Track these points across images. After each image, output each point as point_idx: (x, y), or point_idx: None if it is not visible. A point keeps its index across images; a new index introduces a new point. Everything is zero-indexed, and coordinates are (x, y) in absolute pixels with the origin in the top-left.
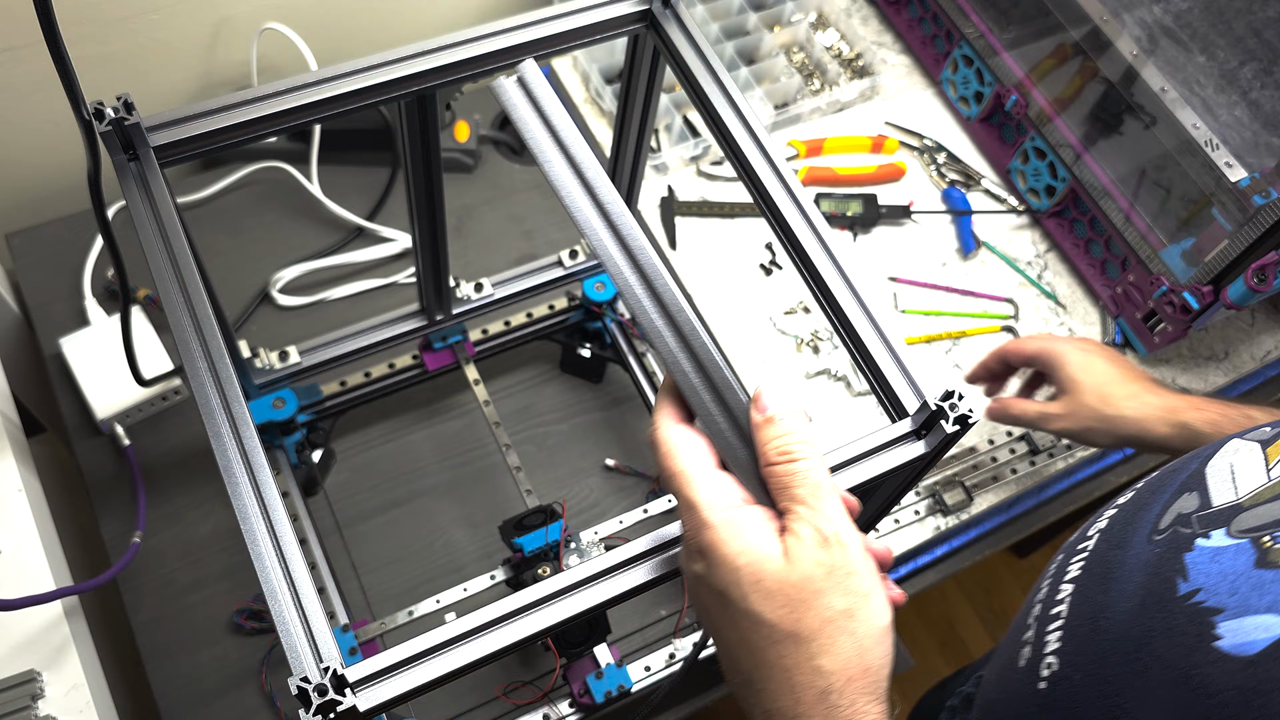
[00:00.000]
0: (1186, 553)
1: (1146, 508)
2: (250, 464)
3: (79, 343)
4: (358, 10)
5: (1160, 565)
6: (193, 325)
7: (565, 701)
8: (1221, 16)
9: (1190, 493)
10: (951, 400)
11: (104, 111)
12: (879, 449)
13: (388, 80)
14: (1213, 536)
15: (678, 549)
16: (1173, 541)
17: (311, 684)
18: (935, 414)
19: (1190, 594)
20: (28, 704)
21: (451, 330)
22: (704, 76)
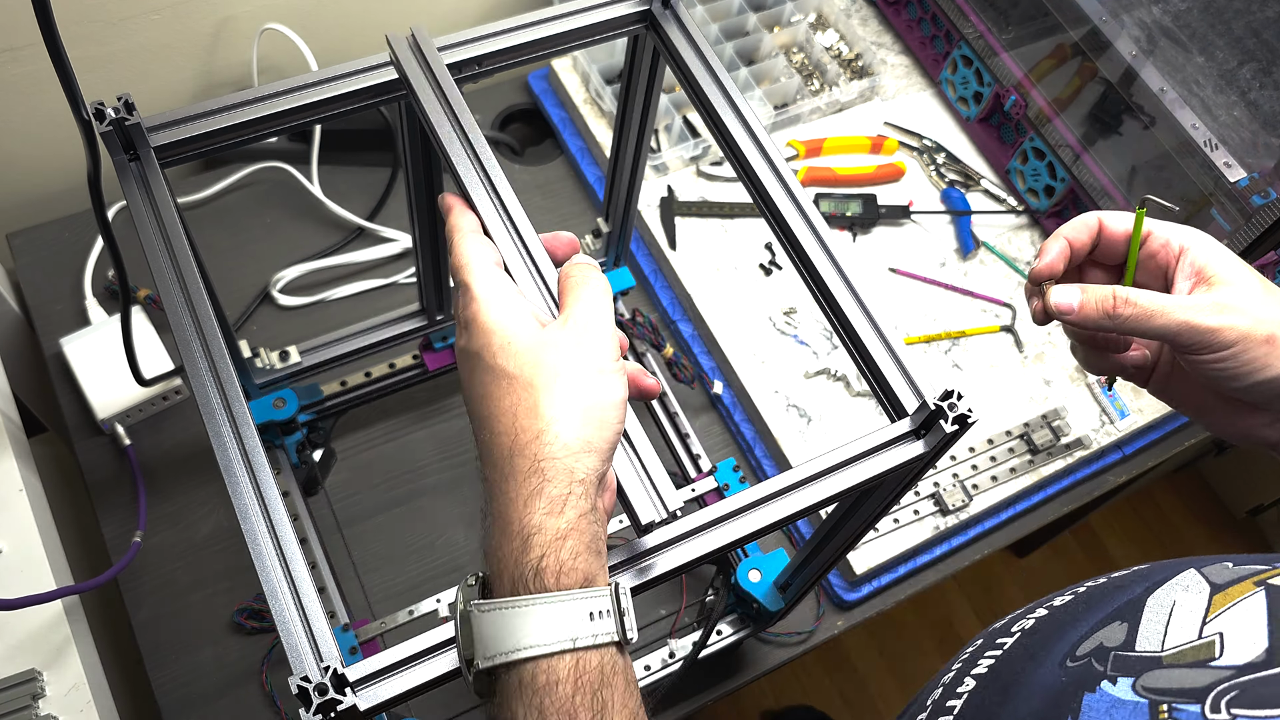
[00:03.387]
0: (1088, 693)
1: (1075, 624)
2: (251, 464)
3: (80, 343)
4: (358, 11)
5: (1060, 698)
6: (193, 325)
7: None
8: (1220, 17)
9: (1121, 623)
10: (950, 400)
11: (104, 112)
12: (878, 449)
13: (388, 80)
14: (1119, 685)
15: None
16: (1080, 675)
17: (312, 683)
18: (934, 414)
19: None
20: (28, 703)
21: (452, 330)
22: (704, 77)
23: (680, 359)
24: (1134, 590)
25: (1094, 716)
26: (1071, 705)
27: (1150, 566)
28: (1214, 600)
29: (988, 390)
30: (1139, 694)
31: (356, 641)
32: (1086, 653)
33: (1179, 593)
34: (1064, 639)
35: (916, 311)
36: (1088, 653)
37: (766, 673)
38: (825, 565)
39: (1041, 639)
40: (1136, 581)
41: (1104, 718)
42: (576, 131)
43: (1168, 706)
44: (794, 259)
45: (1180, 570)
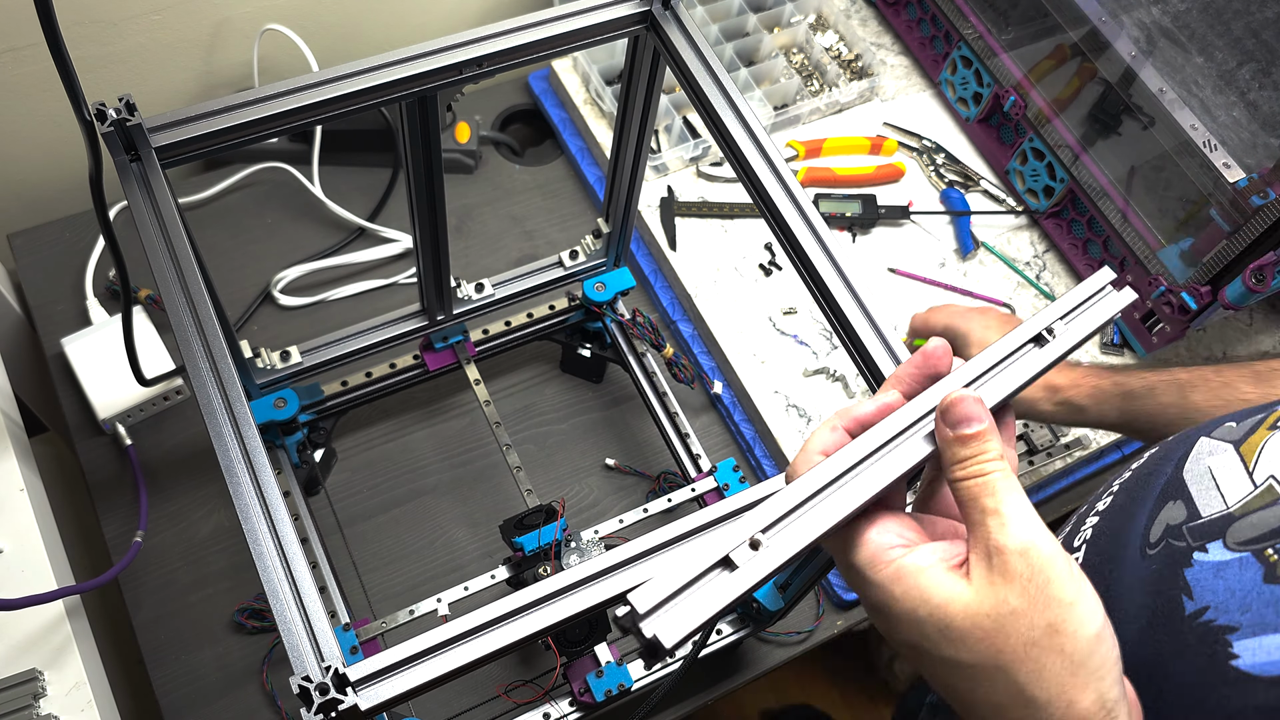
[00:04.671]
0: (1186, 568)
1: (1131, 517)
2: (252, 463)
3: (81, 343)
4: (359, 11)
5: (1160, 583)
6: (194, 325)
7: (565, 700)
8: (1220, 17)
9: (1174, 501)
10: None
11: (106, 112)
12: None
13: (389, 81)
14: (1210, 550)
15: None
16: (1168, 556)
17: (313, 683)
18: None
19: (1198, 612)
20: (29, 703)
21: (452, 330)
22: (704, 77)
23: (680, 359)
24: (1165, 471)
25: (1206, 584)
26: (1178, 584)
27: (1161, 448)
28: (1243, 453)
29: None
30: (1235, 550)
31: (357, 641)
32: (1160, 537)
33: (1207, 458)
34: (1131, 534)
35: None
36: (1161, 536)
37: (766, 672)
38: (825, 565)
39: (1109, 543)
40: (1161, 462)
41: (1216, 581)
42: (577, 132)
43: (1272, 548)
44: (794, 259)
45: (1193, 442)
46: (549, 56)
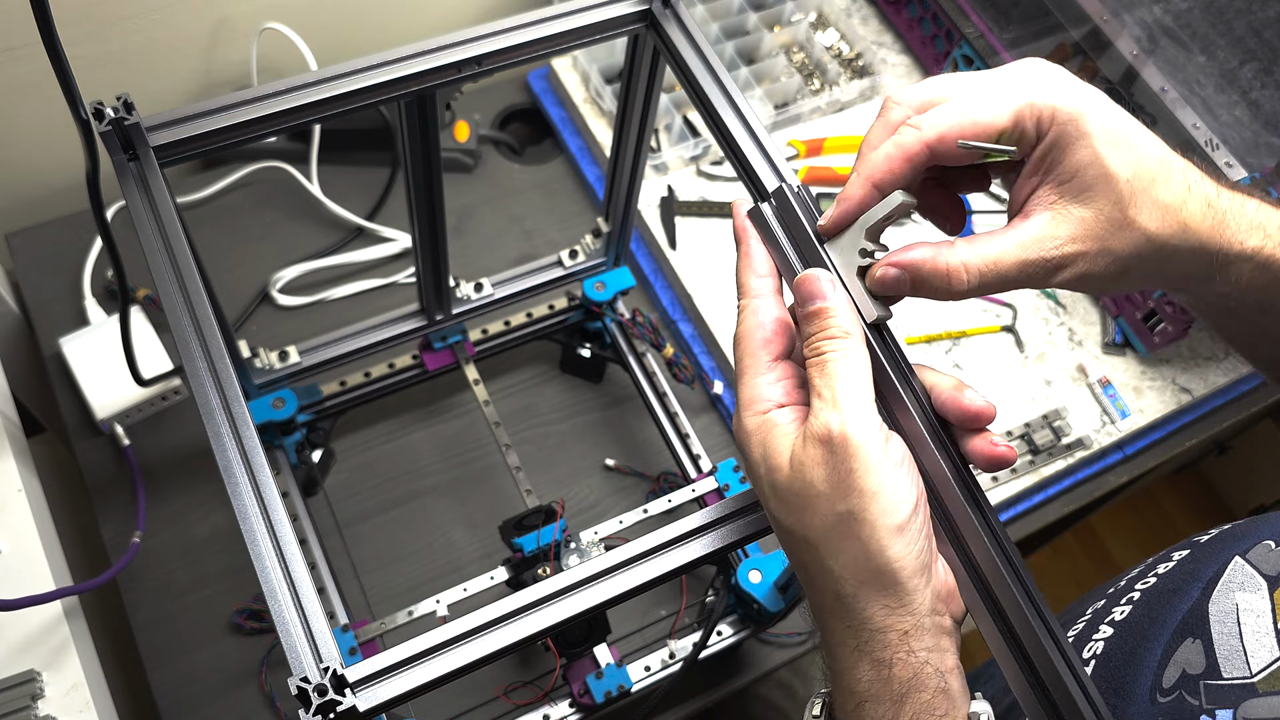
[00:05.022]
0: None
1: (1147, 646)
2: (250, 464)
3: (79, 343)
4: (358, 10)
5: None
6: (192, 325)
7: (565, 701)
8: (1221, 16)
9: (1194, 640)
10: None
11: (103, 111)
12: None
13: (387, 80)
14: (1218, 717)
15: (676, 549)
16: (1176, 712)
17: (311, 684)
18: None
19: None
20: (27, 704)
21: (451, 330)
22: (704, 76)
23: (680, 359)
24: (1191, 594)
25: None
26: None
27: (1192, 553)
28: (1276, 600)
29: (988, 390)
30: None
31: (356, 642)
32: (1173, 684)
33: (1238, 594)
34: (1144, 666)
35: (917, 311)
36: (1174, 684)
37: (767, 673)
38: None
39: (1120, 668)
40: (1188, 580)
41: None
42: (576, 131)
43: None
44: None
45: (1227, 560)
46: (548, 55)
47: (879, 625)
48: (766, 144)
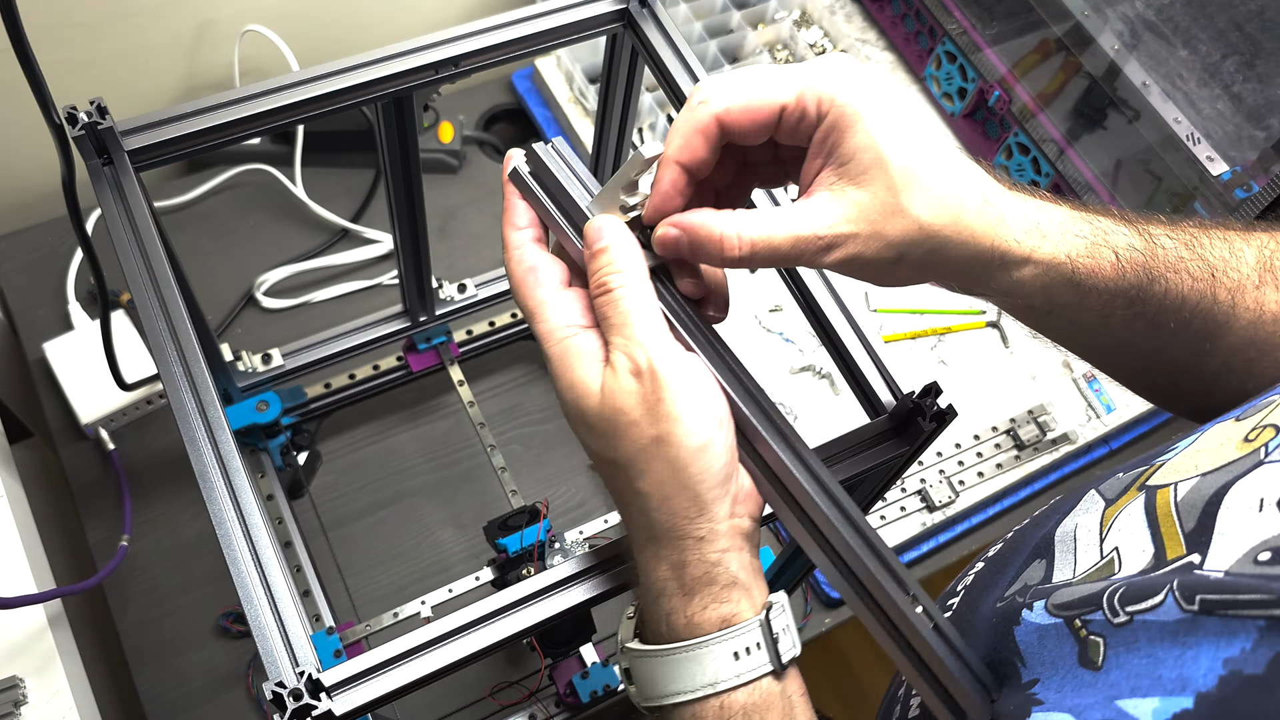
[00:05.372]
0: (1015, 626)
1: (1004, 569)
2: (226, 468)
3: (62, 347)
4: (340, 13)
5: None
6: (167, 330)
7: (551, 701)
8: (1203, 10)
9: (1040, 560)
10: (929, 397)
11: (77, 116)
12: (857, 446)
13: (364, 81)
14: (1035, 609)
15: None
16: (1006, 612)
17: (286, 688)
18: (912, 411)
19: (1031, 683)
20: (10, 710)
21: (436, 331)
22: (681, 76)
23: None
24: (1047, 525)
25: (1030, 647)
26: (1009, 644)
27: (1064, 495)
28: (1105, 515)
29: (973, 386)
30: (1053, 614)
31: (341, 644)
32: (1012, 593)
33: (1080, 516)
34: (996, 586)
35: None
36: (1013, 593)
37: None
38: (811, 562)
39: (979, 589)
40: (1050, 514)
41: (1038, 646)
42: (561, 131)
43: (1080, 620)
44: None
45: (1084, 493)
46: (525, 56)
47: (679, 534)
48: None
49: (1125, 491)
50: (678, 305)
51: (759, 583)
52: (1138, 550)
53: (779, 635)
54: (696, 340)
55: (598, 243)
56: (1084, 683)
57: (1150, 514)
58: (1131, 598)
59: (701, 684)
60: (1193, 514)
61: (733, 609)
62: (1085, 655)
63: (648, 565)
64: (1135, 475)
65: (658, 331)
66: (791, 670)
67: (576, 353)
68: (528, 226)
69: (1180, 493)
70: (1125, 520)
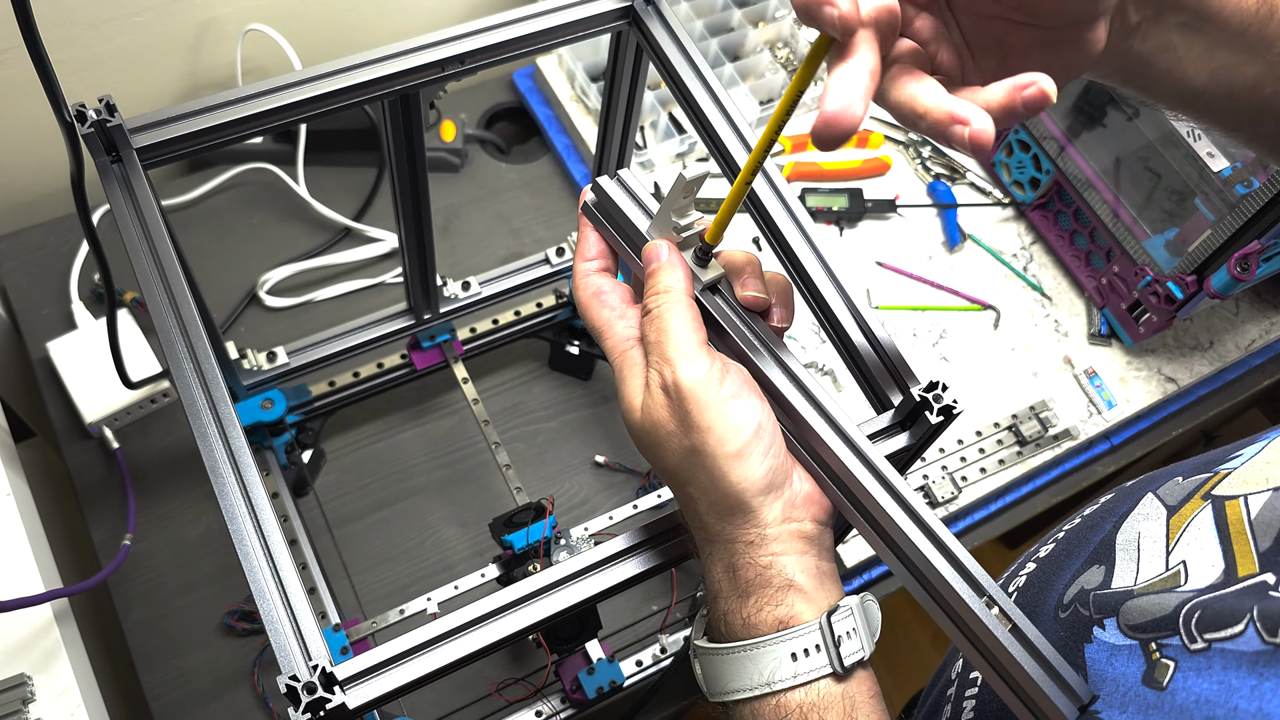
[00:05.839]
0: (1086, 644)
1: (1059, 572)
2: (237, 464)
3: (66, 346)
4: (343, 11)
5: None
6: (178, 327)
7: (557, 697)
8: None
9: (1098, 566)
10: (935, 391)
11: (86, 114)
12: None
13: (371, 79)
14: (1107, 628)
15: (666, 543)
16: (1074, 624)
17: (300, 682)
18: (919, 405)
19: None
20: (18, 708)
21: (439, 329)
22: (687, 73)
23: None
24: (1104, 527)
25: (1100, 668)
26: (1077, 660)
27: (1115, 495)
28: (1171, 525)
29: (975, 382)
30: (1128, 635)
31: (347, 641)
32: (1072, 599)
33: (1141, 523)
34: (1053, 588)
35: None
36: (1072, 599)
37: None
38: None
39: (1035, 591)
40: (1105, 517)
41: (1107, 668)
42: (562, 129)
43: (1156, 645)
44: (778, 253)
45: (1140, 496)
46: (531, 53)
47: (728, 538)
48: (751, 140)
49: (1188, 499)
50: (735, 316)
51: (827, 585)
52: (1207, 565)
53: (842, 638)
54: (751, 349)
55: (649, 266)
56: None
57: (1221, 528)
58: (1210, 624)
59: (758, 683)
60: (1269, 533)
61: (789, 611)
62: (1151, 675)
63: (706, 566)
64: (1198, 483)
65: (687, 348)
66: (859, 672)
67: (630, 366)
68: (595, 258)
69: (1254, 508)
70: (1194, 533)
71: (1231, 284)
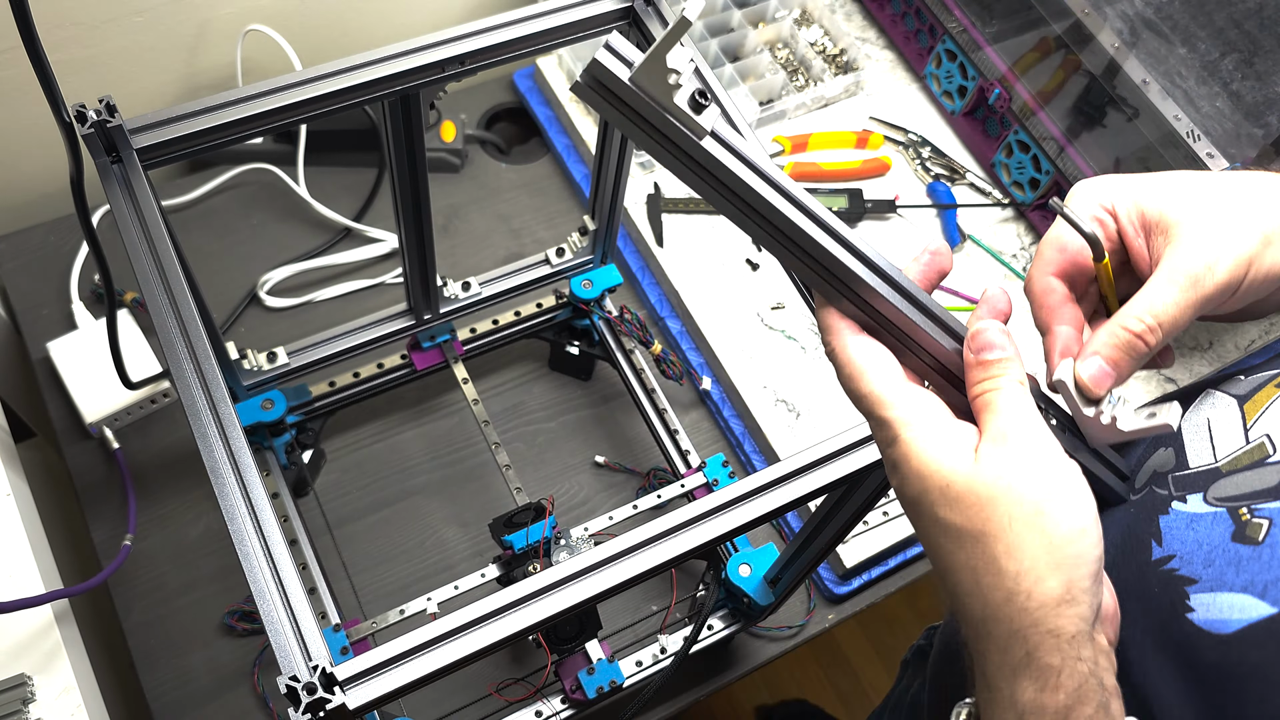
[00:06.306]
0: (1162, 515)
1: (1123, 458)
2: (237, 465)
3: (67, 346)
4: (342, 11)
5: (1135, 524)
6: (178, 327)
7: (557, 698)
8: (1202, 8)
9: (1165, 449)
10: None
11: (86, 114)
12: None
13: (371, 80)
14: (1189, 501)
15: (664, 543)
16: (1148, 502)
17: (300, 682)
18: None
19: (1164, 559)
20: (19, 708)
21: (440, 329)
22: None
23: (668, 355)
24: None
25: (1177, 533)
26: (1150, 529)
27: (1168, 396)
28: (1245, 409)
29: None
30: (1213, 505)
31: (348, 642)
32: (1144, 483)
33: (1209, 410)
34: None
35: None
36: (1145, 482)
37: (758, 667)
38: (815, 559)
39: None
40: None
41: (1187, 532)
42: (562, 129)
43: (1247, 508)
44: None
45: (1200, 393)
46: (532, 54)
47: (1051, 626)
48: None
49: (1260, 388)
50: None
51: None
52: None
53: None
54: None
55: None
56: (1240, 558)
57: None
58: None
59: None
60: None
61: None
62: (1242, 533)
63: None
64: (1268, 377)
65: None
66: None
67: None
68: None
69: None
70: (1275, 413)
71: None
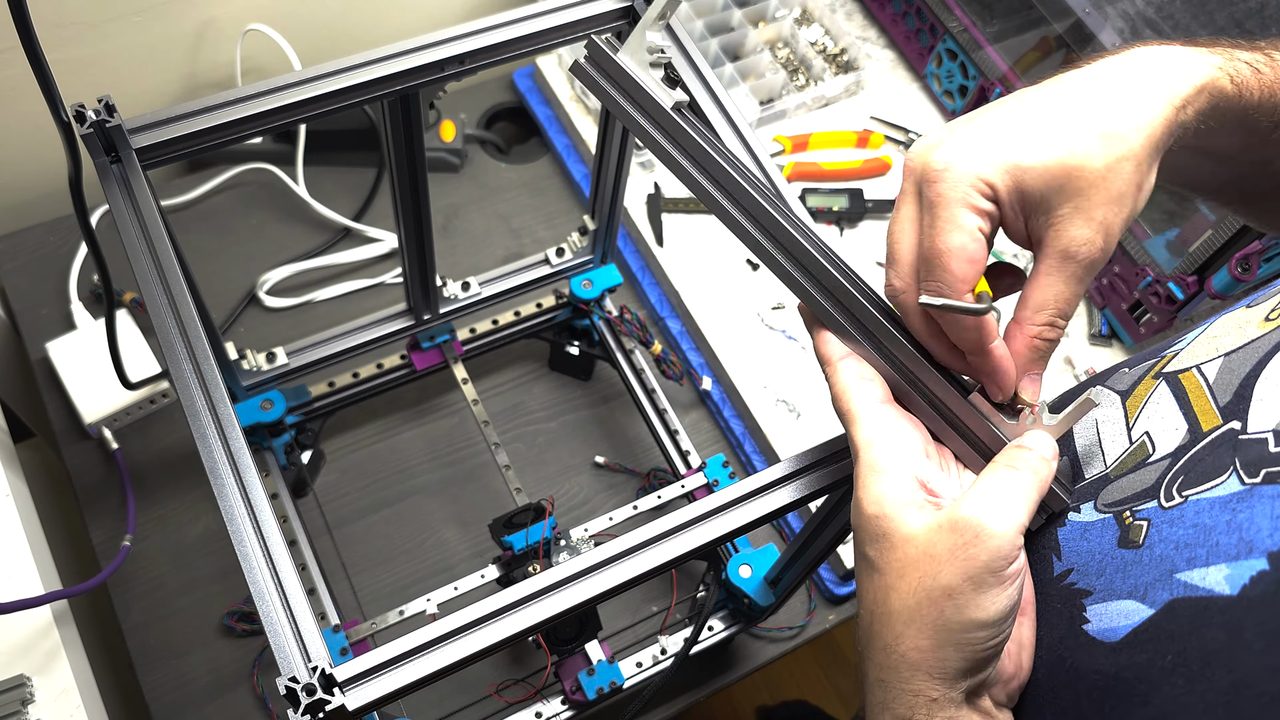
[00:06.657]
0: (1060, 528)
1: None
2: (236, 465)
3: (65, 347)
4: (342, 11)
5: (1035, 540)
6: (177, 327)
7: (557, 699)
8: (1203, 8)
9: (1061, 457)
10: None
11: (84, 114)
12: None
13: (371, 79)
14: (1083, 511)
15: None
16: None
17: (300, 683)
18: None
19: (1064, 574)
20: (18, 709)
21: (439, 329)
22: (687, 73)
23: (669, 355)
24: None
25: (1073, 545)
26: (1050, 545)
27: (1058, 397)
28: (1127, 406)
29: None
30: (1101, 511)
31: (347, 642)
32: None
33: (1095, 411)
34: None
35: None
36: None
37: (759, 668)
38: (815, 559)
39: None
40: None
41: (1080, 543)
42: (562, 129)
43: (1130, 511)
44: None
45: (1089, 391)
46: (531, 53)
47: (911, 685)
48: (752, 141)
49: (1139, 381)
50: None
51: None
52: (1170, 429)
53: None
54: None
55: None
56: (1125, 563)
57: (1179, 397)
58: (1192, 483)
59: None
60: (1227, 390)
61: None
62: (1125, 538)
63: (875, 707)
64: (1147, 368)
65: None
66: None
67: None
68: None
69: (1209, 374)
70: (1153, 407)
71: (1232, 284)
